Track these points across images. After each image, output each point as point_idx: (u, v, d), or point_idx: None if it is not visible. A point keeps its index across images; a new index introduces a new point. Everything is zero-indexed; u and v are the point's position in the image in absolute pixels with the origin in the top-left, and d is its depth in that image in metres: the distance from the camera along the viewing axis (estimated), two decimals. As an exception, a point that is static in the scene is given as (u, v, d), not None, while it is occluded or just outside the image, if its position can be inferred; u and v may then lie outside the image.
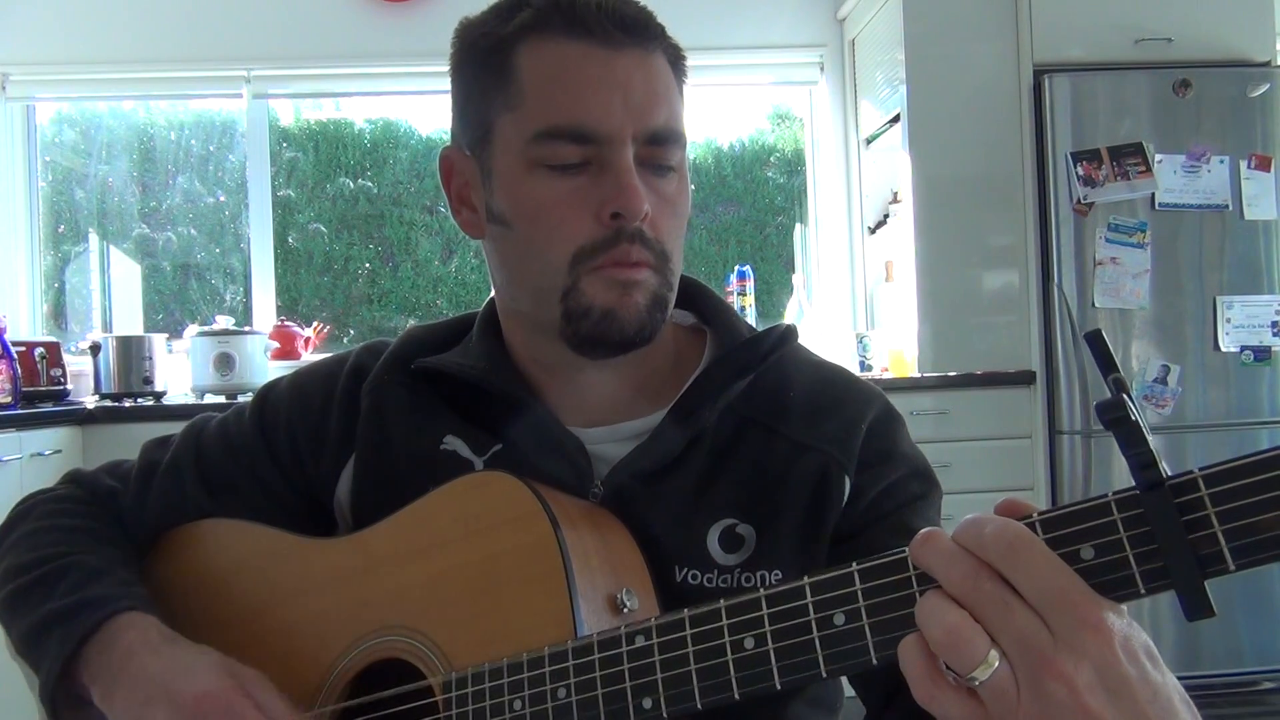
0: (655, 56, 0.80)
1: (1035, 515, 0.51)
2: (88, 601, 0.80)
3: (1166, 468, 0.48)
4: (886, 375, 3.32)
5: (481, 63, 0.81)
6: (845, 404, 0.87)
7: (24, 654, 0.82)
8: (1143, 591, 0.49)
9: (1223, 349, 3.06)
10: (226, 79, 3.81)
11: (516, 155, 0.79)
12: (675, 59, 0.82)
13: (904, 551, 0.54)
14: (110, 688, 0.75)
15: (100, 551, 0.87)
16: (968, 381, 3.15)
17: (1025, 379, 3.14)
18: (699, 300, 0.93)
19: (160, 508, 0.93)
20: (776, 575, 0.81)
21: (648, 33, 0.79)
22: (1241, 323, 3.06)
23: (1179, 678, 0.50)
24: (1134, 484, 0.49)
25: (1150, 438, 0.48)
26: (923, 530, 0.51)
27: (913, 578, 0.54)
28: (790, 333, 0.89)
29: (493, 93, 0.80)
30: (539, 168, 0.78)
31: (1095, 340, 0.50)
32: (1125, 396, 0.48)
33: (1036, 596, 0.47)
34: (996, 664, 0.48)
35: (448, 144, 0.88)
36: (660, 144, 0.79)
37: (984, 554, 0.49)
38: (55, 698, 0.78)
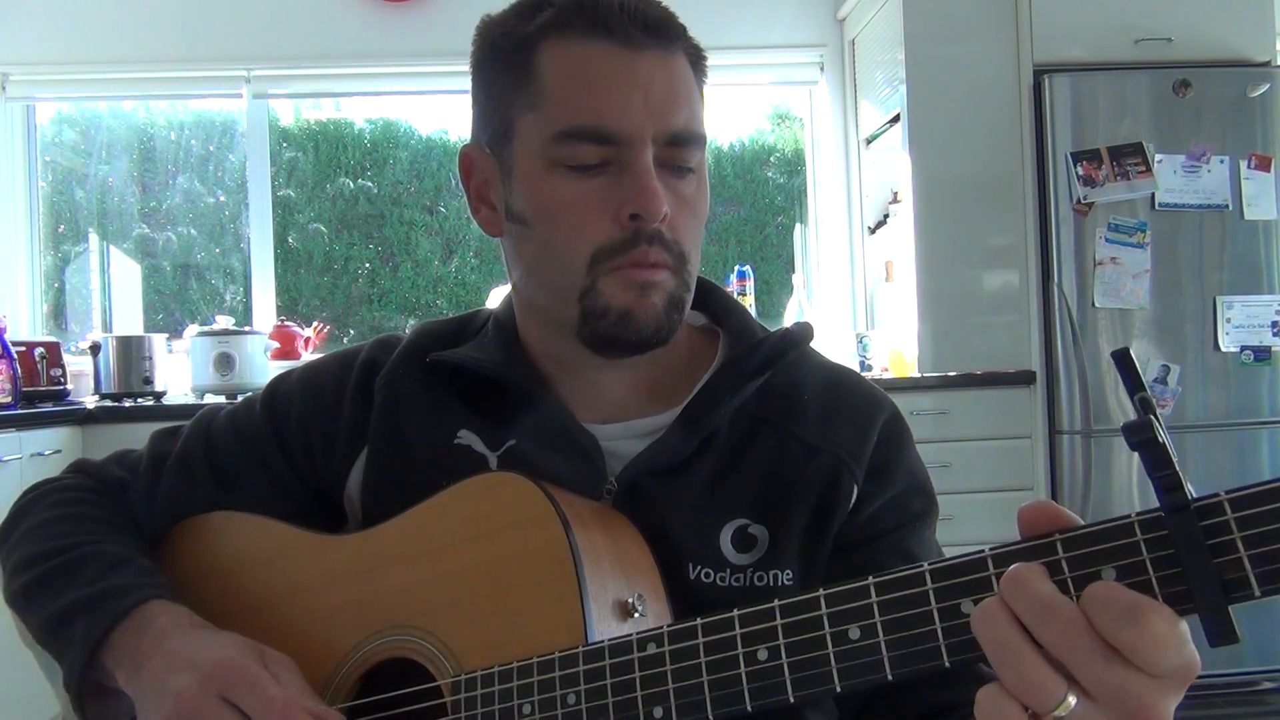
0: (676, 57, 0.79)
1: (1057, 535, 0.51)
2: (114, 589, 0.80)
3: (1192, 489, 0.47)
4: (886, 375, 3.32)
5: (502, 61, 0.81)
6: (857, 408, 0.87)
7: (44, 642, 0.82)
8: None
9: (1223, 349, 3.06)
10: (226, 79, 3.80)
11: (537, 155, 0.79)
12: (696, 59, 0.82)
13: (921, 566, 0.54)
14: (138, 666, 0.75)
15: (118, 540, 0.87)
16: (968, 381, 3.15)
17: (1025, 379, 3.14)
18: (712, 301, 0.93)
19: (170, 500, 0.92)
20: (788, 575, 0.81)
21: (669, 33, 0.79)
22: (1241, 323, 3.06)
23: None
24: (1158, 504, 0.48)
25: (1176, 459, 0.47)
26: (1014, 567, 0.50)
27: (930, 592, 0.53)
28: (803, 334, 0.89)
29: (513, 92, 0.80)
30: (559, 168, 0.78)
31: (1123, 359, 0.49)
32: (1152, 417, 0.47)
33: (1153, 669, 0.47)
34: (1074, 704, 0.48)
35: (468, 141, 0.88)
36: (680, 145, 0.79)
37: (1093, 617, 0.48)
38: (81, 687, 0.78)
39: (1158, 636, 0.46)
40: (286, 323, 3.68)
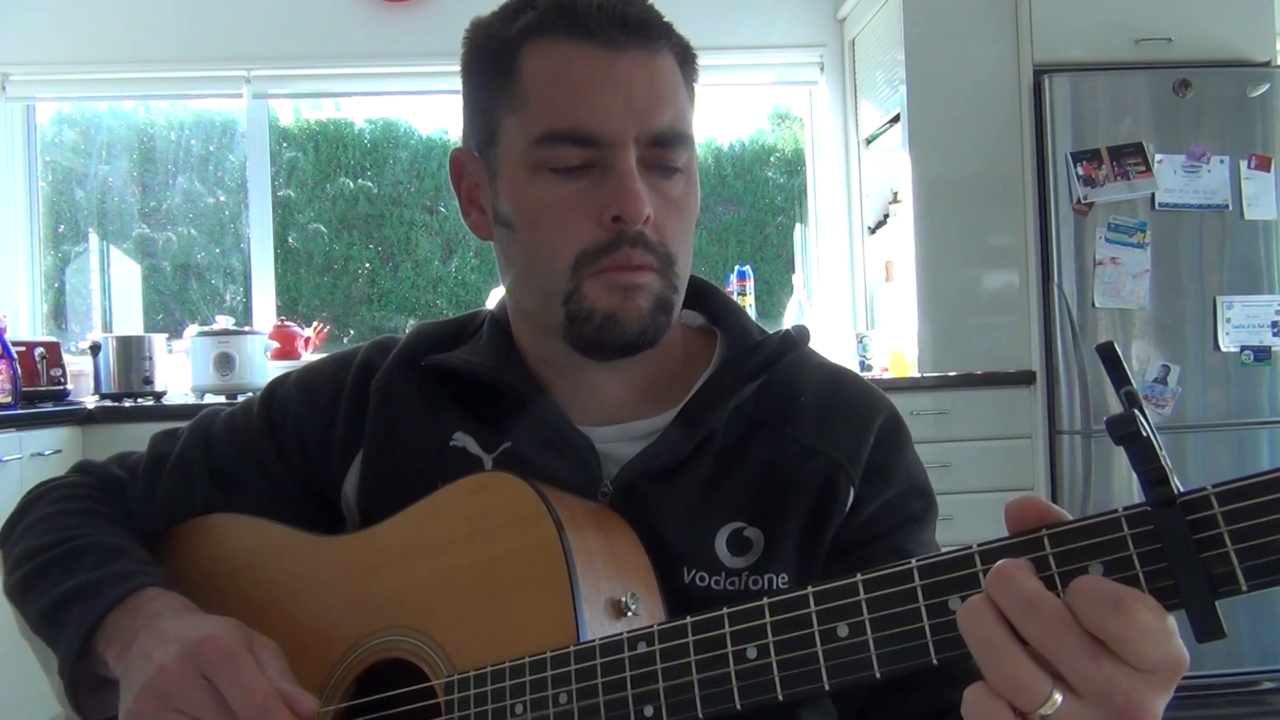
0: (660, 56, 0.79)
1: (1045, 531, 0.51)
2: (111, 577, 0.80)
3: (1179, 484, 0.47)
4: (886, 375, 3.32)
5: (488, 64, 0.81)
6: (855, 410, 0.87)
7: (41, 631, 0.82)
8: None
9: (1223, 349, 3.06)
10: (226, 79, 3.81)
11: (520, 157, 0.79)
12: (684, 58, 0.82)
13: (908, 563, 0.54)
14: (128, 646, 0.75)
15: (117, 533, 0.87)
16: (968, 381, 3.15)
17: (1025, 379, 3.14)
18: (708, 300, 0.93)
19: (168, 501, 0.93)
20: (783, 578, 0.81)
21: (651, 32, 0.78)
22: (1241, 323, 3.06)
23: None
24: (1144, 499, 0.48)
25: (1163, 453, 0.47)
26: (1000, 563, 0.50)
27: (918, 589, 0.53)
28: (800, 336, 0.88)
29: (498, 95, 0.80)
30: (542, 170, 0.78)
31: (1108, 353, 0.49)
32: (1137, 411, 0.47)
33: (1140, 662, 0.47)
34: (1060, 701, 0.48)
35: (459, 144, 0.88)
36: (665, 145, 0.78)
37: (1077, 609, 0.48)
38: (74, 674, 0.78)
39: (1143, 626, 0.46)
40: (286, 323, 3.68)
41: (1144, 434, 0.47)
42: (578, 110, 0.76)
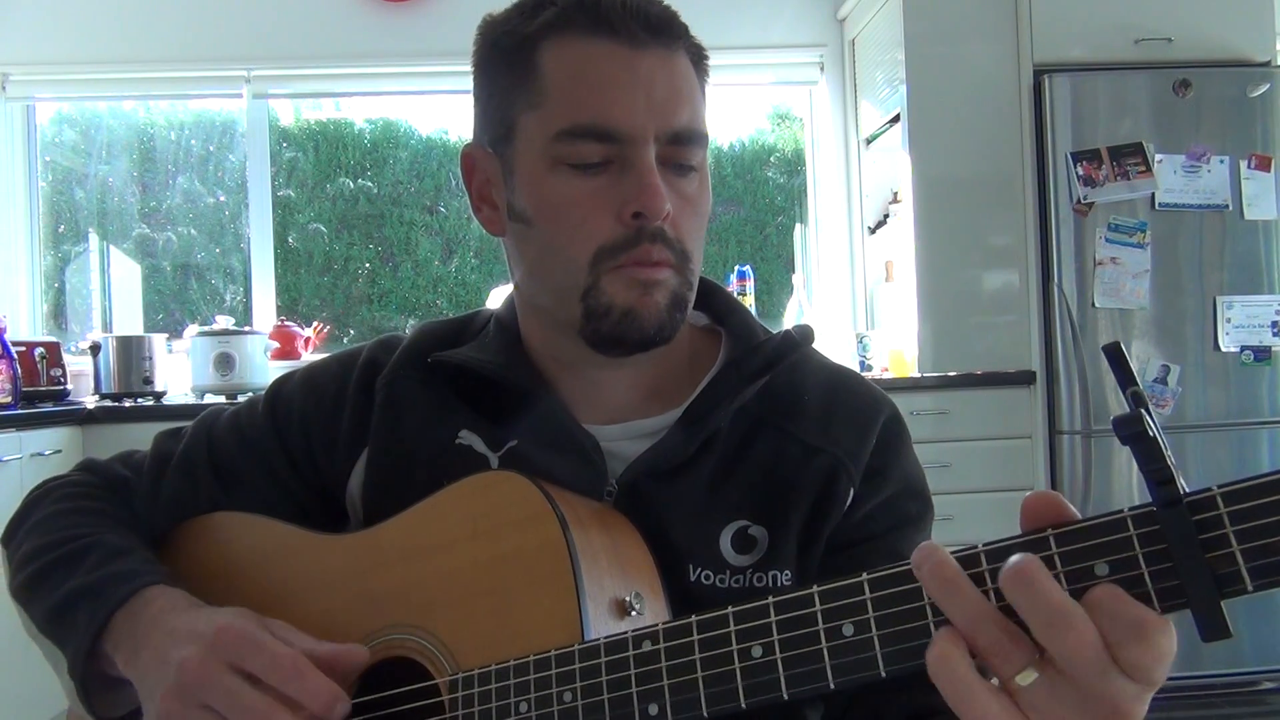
0: (678, 56, 0.80)
1: (1050, 530, 0.51)
2: (115, 576, 0.80)
3: (1184, 484, 0.47)
4: (886, 375, 3.32)
5: (505, 60, 0.81)
6: (858, 409, 0.87)
7: (48, 632, 0.82)
8: (1158, 610, 0.48)
9: (1223, 349, 3.06)
10: (226, 79, 3.81)
11: (539, 153, 0.79)
12: (698, 58, 0.82)
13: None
14: (137, 649, 0.75)
15: (120, 532, 0.87)
16: (968, 381, 3.15)
17: (1025, 379, 3.14)
18: (713, 301, 0.93)
19: (172, 500, 0.93)
20: (787, 576, 0.82)
21: (671, 32, 0.79)
22: (1241, 323, 3.06)
23: (1179, 678, 0.51)
24: (1150, 499, 0.48)
25: (1169, 453, 0.47)
26: (1018, 562, 0.50)
27: (923, 589, 0.53)
28: (803, 336, 0.89)
29: (516, 91, 0.80)
30: (561, 166, 0.78)
31: (1115, 354, 0.49)
32: (1144, 411, 0.47)
33: (1146, 680, 0.48)
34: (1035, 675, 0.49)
35: (463, 142, 0.88)
36: (682, 144, 0.79)
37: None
38: (85, 675, 0.78)
39: (1160, 653, 0.47)
40: (286, 323, 3.68)
41: (1150, 434, 0.47)
42: (599, 106, 0.76)
